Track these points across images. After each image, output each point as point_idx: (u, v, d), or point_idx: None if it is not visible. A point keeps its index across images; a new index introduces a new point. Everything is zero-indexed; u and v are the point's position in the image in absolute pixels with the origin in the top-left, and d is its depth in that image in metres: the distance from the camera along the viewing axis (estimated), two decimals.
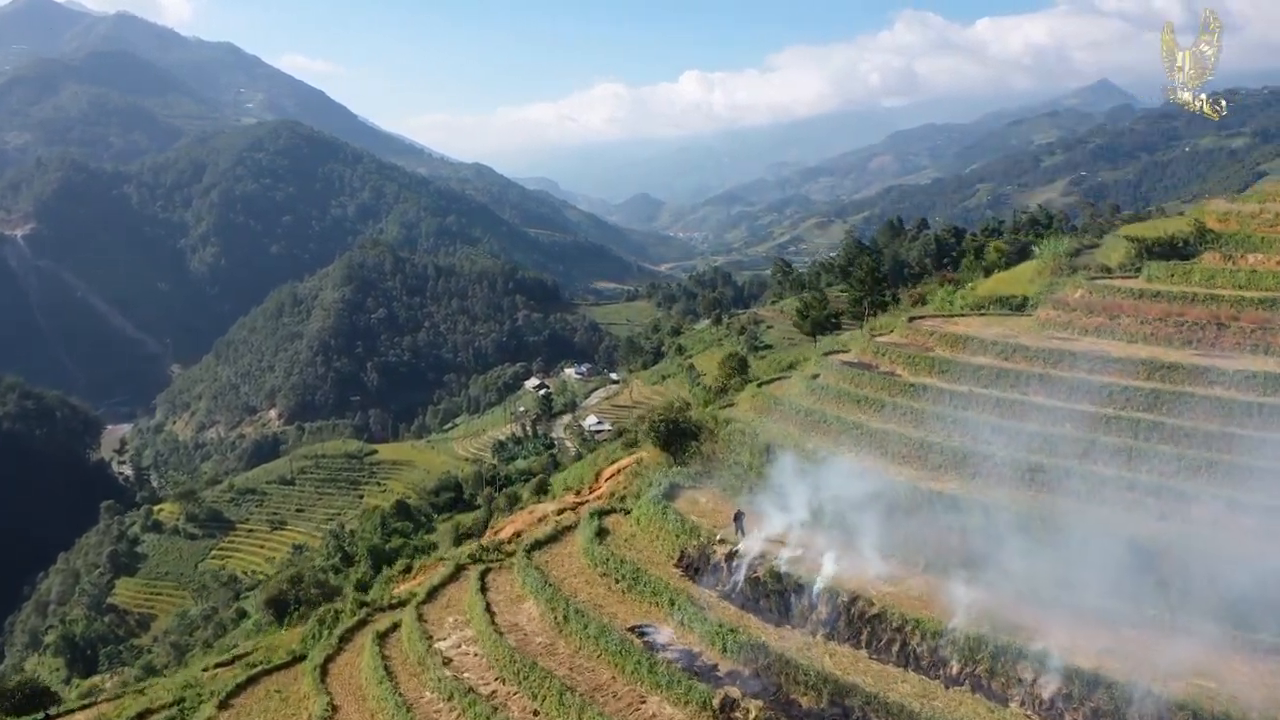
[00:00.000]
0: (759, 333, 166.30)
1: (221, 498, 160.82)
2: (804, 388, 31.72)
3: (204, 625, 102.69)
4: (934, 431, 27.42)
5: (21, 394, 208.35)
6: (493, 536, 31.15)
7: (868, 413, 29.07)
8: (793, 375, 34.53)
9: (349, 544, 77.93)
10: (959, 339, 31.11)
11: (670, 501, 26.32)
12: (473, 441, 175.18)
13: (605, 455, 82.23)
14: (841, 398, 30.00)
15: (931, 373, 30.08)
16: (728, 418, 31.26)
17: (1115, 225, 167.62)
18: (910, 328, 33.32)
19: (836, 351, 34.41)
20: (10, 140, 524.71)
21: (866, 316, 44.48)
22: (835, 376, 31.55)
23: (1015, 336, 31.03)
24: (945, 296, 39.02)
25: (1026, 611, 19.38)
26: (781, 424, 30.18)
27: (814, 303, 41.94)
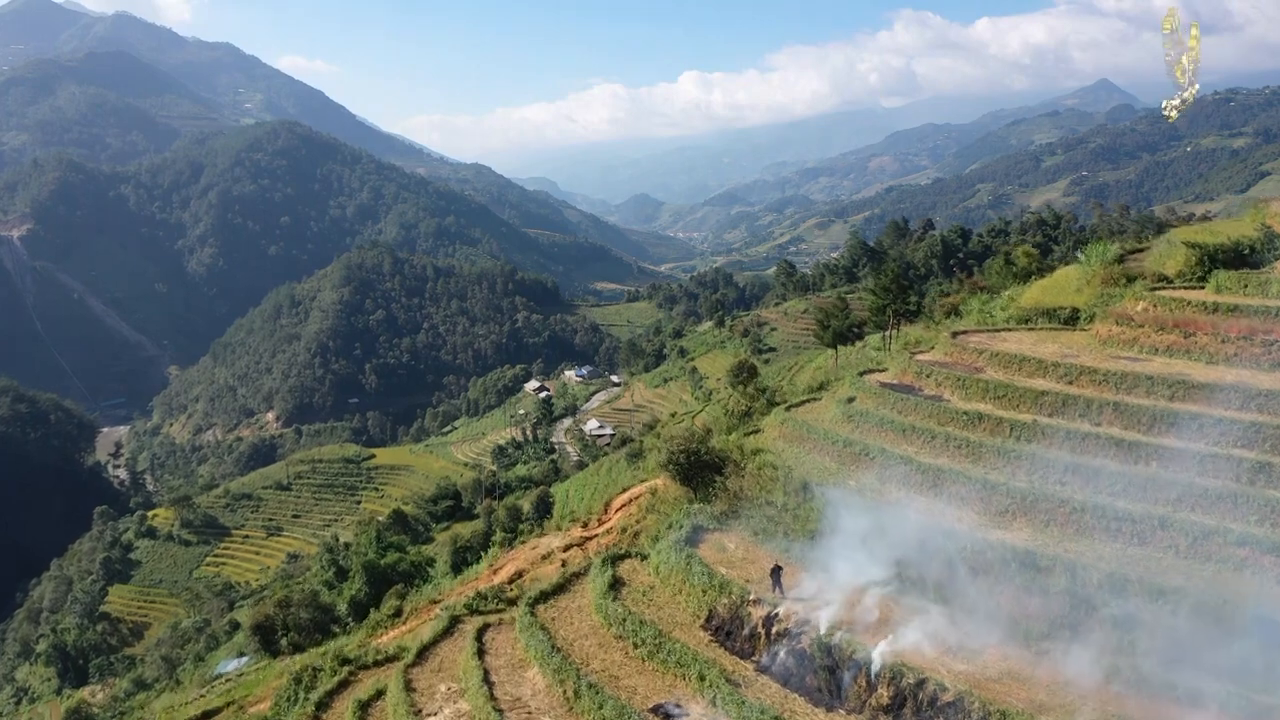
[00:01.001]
0: (763, 335, 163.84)
1: (217, 503, 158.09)
2: (839, 413, 28.09)
3: (196, 637, 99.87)
4: (996, 469, 23.85)
5: (15, 397, 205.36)
6: (491, 576, 28.06)
7: (915, 444, 25.45)
8: (823, 397, 30.96)
9: (343, 558, 75.15)
10: (1012, 359, 27.46)
11: (694, 548, 22.99)
12: (472, 446, 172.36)
13: (608, 468, 79.61)
14: (884, 426, 26.42)
15: (985, 398, 26.36)
16: (755, 447, 27.77)
17: (1127, 227, 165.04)
18: (954, 344, 29.32)
19: (872, 371, 31.01)
20: (7, 141, 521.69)
21: (891, 326, 41.21)
22: (874, 401, 27.90)
23: (1076, 356, 27.49)
24: (981, 307, 35.94)
25: (1155, 708, 15.91)
26: (817, 456, 26.74)
27: (835, 312, 38.92)
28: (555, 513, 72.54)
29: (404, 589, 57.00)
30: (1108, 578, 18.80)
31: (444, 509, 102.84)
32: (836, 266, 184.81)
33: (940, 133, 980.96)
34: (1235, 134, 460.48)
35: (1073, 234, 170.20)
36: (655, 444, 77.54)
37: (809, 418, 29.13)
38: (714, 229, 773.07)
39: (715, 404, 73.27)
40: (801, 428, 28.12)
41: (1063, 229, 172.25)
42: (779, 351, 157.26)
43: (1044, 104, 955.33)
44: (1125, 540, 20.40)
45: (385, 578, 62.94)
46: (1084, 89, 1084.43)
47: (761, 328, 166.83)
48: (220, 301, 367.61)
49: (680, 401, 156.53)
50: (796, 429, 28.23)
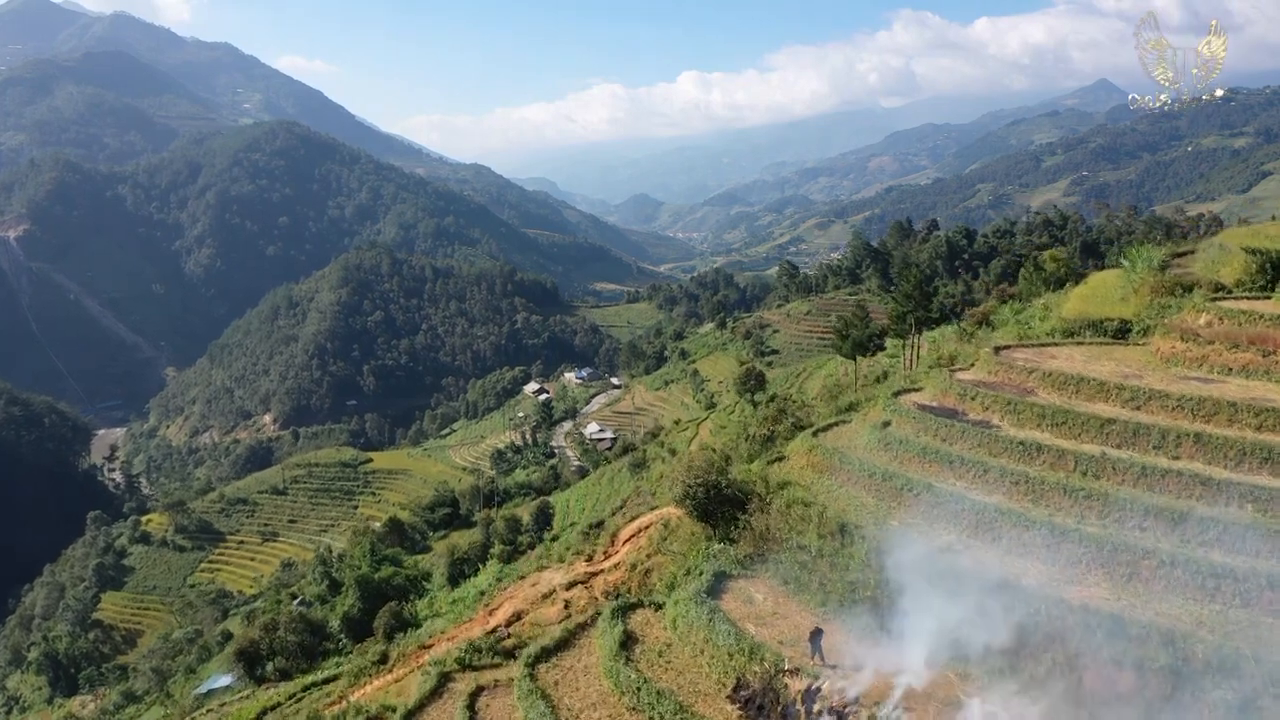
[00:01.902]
0: (765, 337, 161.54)
1: (212, 508, 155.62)
2: (874, 440, 24.78)
3: (188, 649, 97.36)
4: (1063, 510, 20.53)
5: (8, 399, 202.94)
6: (486, 618, 25.48)
7: (965, 479, 22.16)
8: (853, 419, 27.17)
9: (337, 570, 72.69)
10: (1067, 379, 24.46)
11: (717, 599, 20.09)
12: (470, 449, 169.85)
13: (610, 477, 77.21)
14: (926, 457, 23.16)
15: (1042, 425, 23.25)
16: (781, 479, 24.41)
17: (1134, 227, 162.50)
18: (998, 362, 26.23)
19: (908, 391, 27.07)
20: (5, 141, 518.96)
21: (913, 336, 38.57)
22: (913, 426, 24.63)
23: (1139, 377, 24.57)
24: (1015, 317, 33.22)
25: None
26: (851, 489, 23.52)
27: (855, 321, 36.35)
28: (555, 524, 70.15)
29: (397, 607, 54.65)
30: (1215, 651, 15.77)
31: (441, 517, 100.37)
32: (839, 268, 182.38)
33: (940, 133, 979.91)
34: (1236, 134, 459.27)
35: (1079, 235, 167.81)
36: (659, 452, 75.59)
37: (840, 444, 25.76)
38: (714, 229, 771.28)
39: (722, 412, 70.89)
40: (832, 456, 24.83)
41: (1069, 229, 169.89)
42: (782, 354, 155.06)
43: (1044, 104, 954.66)
44: (1225, 601, 17.30)
45: (379, 592, 60.60)
46: (1083, 89, 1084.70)
47: (764, 330, 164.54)
48: (218, 302, 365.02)
49: (681, 404, 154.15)
50: (826, 457, 24.94)
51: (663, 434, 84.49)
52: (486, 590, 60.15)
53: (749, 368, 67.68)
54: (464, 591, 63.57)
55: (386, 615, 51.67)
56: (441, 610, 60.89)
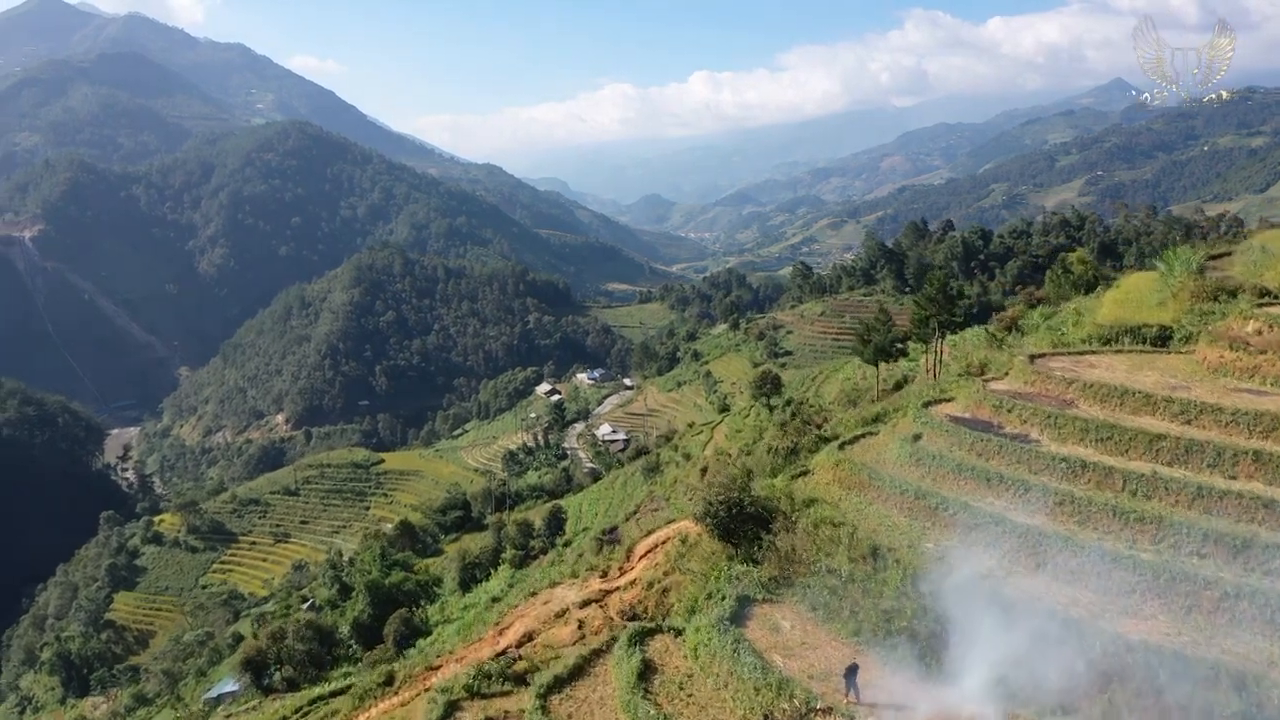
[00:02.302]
0: (779, 338, 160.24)
1: (224, 508, 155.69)
2: (904, 454, 23.14)
3: (198, 651, 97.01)
4: (1113, 534, 18.98)
5: (22, 399, 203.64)
6: (496, 638, 24.43)
7: (1004, 498, 20.59)
8: (881, 431, 25.73)
9: (347, 574, 72.00)
10: (1110, 390, 22.87)
11: (741, 627, 18.87)
12: (482, 451, 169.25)
13: (623, 481, 76.12)
14: (961, 474, 21.51)
15: (1085, 441, 21.59)
16: (808, 496, 22.85)
17: (1153, 228, 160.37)
18: (1034, 371, 24.48)
19: (938, 401, 25.51)
20: (20, 142, 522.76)
21: (937, 340, 37.27)
22: (945, 440, 22.88)
23: (1187, 388, 22.89)
24: (1044, 322, 31.86)
25: None
26: (882, 508, 21.95)
27: (877, 325, 35.08)
28: (568, 529, 69.23)
29: (407, 614, 53.82)
30: None
31: (453, 520, 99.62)
32: (854, 268, 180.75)
33: (953, 132, 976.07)
34: (1253, 133, 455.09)
35: (1097, 235, 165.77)
36: (672, 456, 74.65)
37: (868, 459, 24.06)
38: (725, 229, 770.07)
39: (737, 415, 69.74)
40: (861, 471, 23.18)
41: (1087, 230, 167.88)
42: (796, 355, 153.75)
43: (1058, 103, 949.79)
44: None
45: (389, 598, 59.87)
46: (1098, 88, 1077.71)
47: (777, 331, 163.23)
48: (231, 302, 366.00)
49: (694, 406, 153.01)
50: (854, 472, 23.28)
51: (676, 437, 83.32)
52: (499, 597, 59.34)
53: (765, 371, 66.42)
54: (475, 597, 62.74)
55: (396, 622, 50.86)
56: (452, 616, 60.08)
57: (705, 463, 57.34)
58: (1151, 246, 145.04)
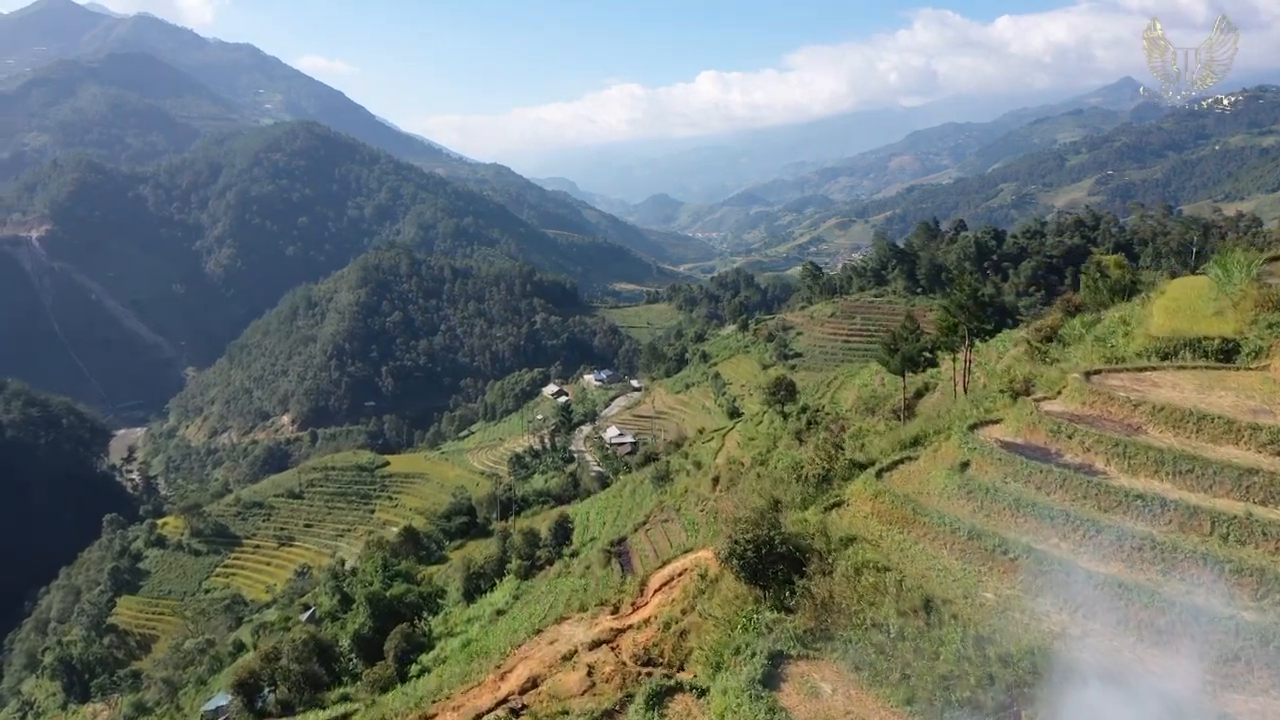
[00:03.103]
0: (789, 340, 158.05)
1: (228, 511, 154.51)
2: (952, 485, 20.42)
3: (199, 659, 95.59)
4: (1205, 587, 16.13)
5: (26, 400, 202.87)
6: (497, 683, 22.41)
7: (1071, 540, 17.85)
8: (921, 455, 22.48)
9: (348, 584, 70.32)
10: (1184, 415, 20.12)
11: (775, 691, 16.27)
12: (489, 453, 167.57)
13: (632, 489, 74.24)
14: (1020, 510, 18.80)
15: (1161, 473, 18.81)
16: (845, 533, 20.20)
17: (1170, 228, 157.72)
18: (1092, 390, 21.73)
19: (985, 423, 22.42)
20: (29, 142, 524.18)
21: (966, 349, 35.21)
22: (998, 469, 20.08)
23: (1270, 413, 20.07)
24: (1087, 330, 29.60)
25: None
26: (931, 548, 19.15)
27: (905, 334, 32.94)
28: (575, 538, 67.43)
29: (409, 628, 52.08)
30: None
31: (458, 526, 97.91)
32: (864, 269, 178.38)
33: (961, 132, 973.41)
34: (1264, 132, 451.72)
35: (1112, 235, 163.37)
36: (682, 464, 72.83)
37: (911, 489, 21.19)
38: (733, 229, 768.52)
39: (749, 422, 67.79)
40: (903, 504, 20.35)
41: (1102, 230, 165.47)
42: (806, 357, 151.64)
43: (1067, 102, 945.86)
44: None
45: (391, 610, 58.13)
46: (1107, 87, 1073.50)
47: (787, 332, 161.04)
48: (238, 302, 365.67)
49: (703, 408, 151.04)
50: (896, 506, 20.46)
51: (686, 444, 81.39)
52: (504, 609, 57.57)
53: (779, 377, 64.44)
54: (479, 609, 61.05)
55: (398, 638, 49.11)
56: (455, 628, 58.37)
57: (717, 472, 55.47)
58: (1169, 247, 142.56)
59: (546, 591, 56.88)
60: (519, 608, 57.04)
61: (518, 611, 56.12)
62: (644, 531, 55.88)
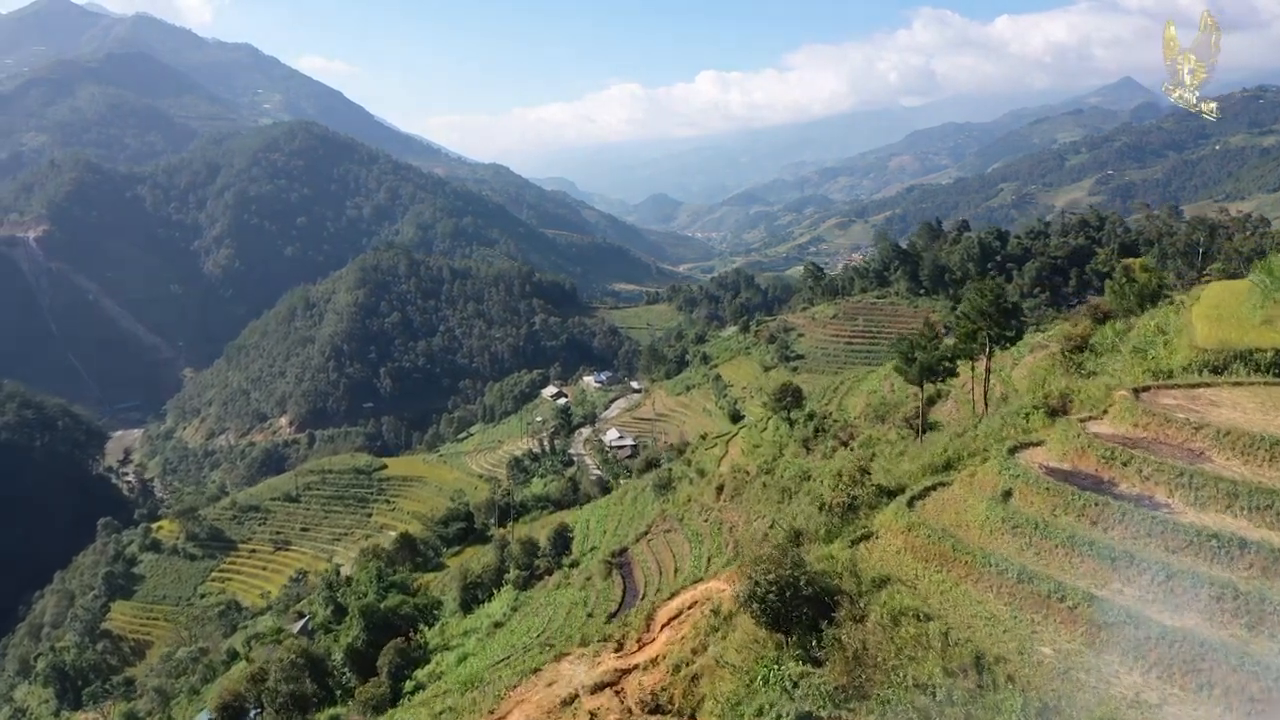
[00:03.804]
0: (790, 341, 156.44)
1: (223, 515, 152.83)
2: (994, 517, 17.93)
3: (192, 668, 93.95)
4: None
5: (21, 403, 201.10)
6: None
7: (1137, 585, 15.38)
8: (955, 481, 19.96)
9: (342, 595, 68.68)
10: (1252, 440, 17.46)
11: None
12: (487, 456, 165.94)
13: (633, 497, 72.53)
14: (1075, 549, 16.20)
15: (1233, 508, 16.32)
16: (876, 571, 17.79)
17: (1176, 229, 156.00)
18: (1144, 410, 19.16)
19: (1026, 446, 19.87)
20: (27, 142, 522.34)
21: (987, 356, 33.53)
22: (1045, 500, 17.50)
23: None
24: (1117, 338, 27.89)
25: None
26: (974, 591, 16.54)
27: (923, 342, 31.07)
28: (574, 548, 65.80)
29: (403, 644, 50.45)
30: None
31: (455, 532, 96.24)
32: (866, 270, 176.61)
33: (961, 132, 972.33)
34: (1265, 132, 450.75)
35: (1117, 236, 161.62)
36: (685, 472, 71.19)
37: (947, 520, 18.67)
38: (732, 229, 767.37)
39: (753, 428, 66.14)
40: (941, 539, 17.82)
41: (1107, 230, 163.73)
42: (808, 359, 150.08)
43: (1066, 102, 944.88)
44: None
45: (386, 623, 56.48)
46: (1107, 87, 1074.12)
47: (788, 334, 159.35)
48: (236, 302, 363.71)
49: (704, 411, 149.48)
50: (933, 540, 17.94)
51: (689, 450, 79.67)
52: (501, 622, 55.93)
53: (786, 383, 62.75)
54: (477, 621, 59.44)
55: (391, 653, 47.47)
56: (452, 640, 56.76)
57: (721, 480, 53.84)
58: (1175, 247, 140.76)
59: (545, 603, 55.30)
60: (517, 620, 55.43)
61: (516, 624, 54.52)
62: (646, 542, 54.27)
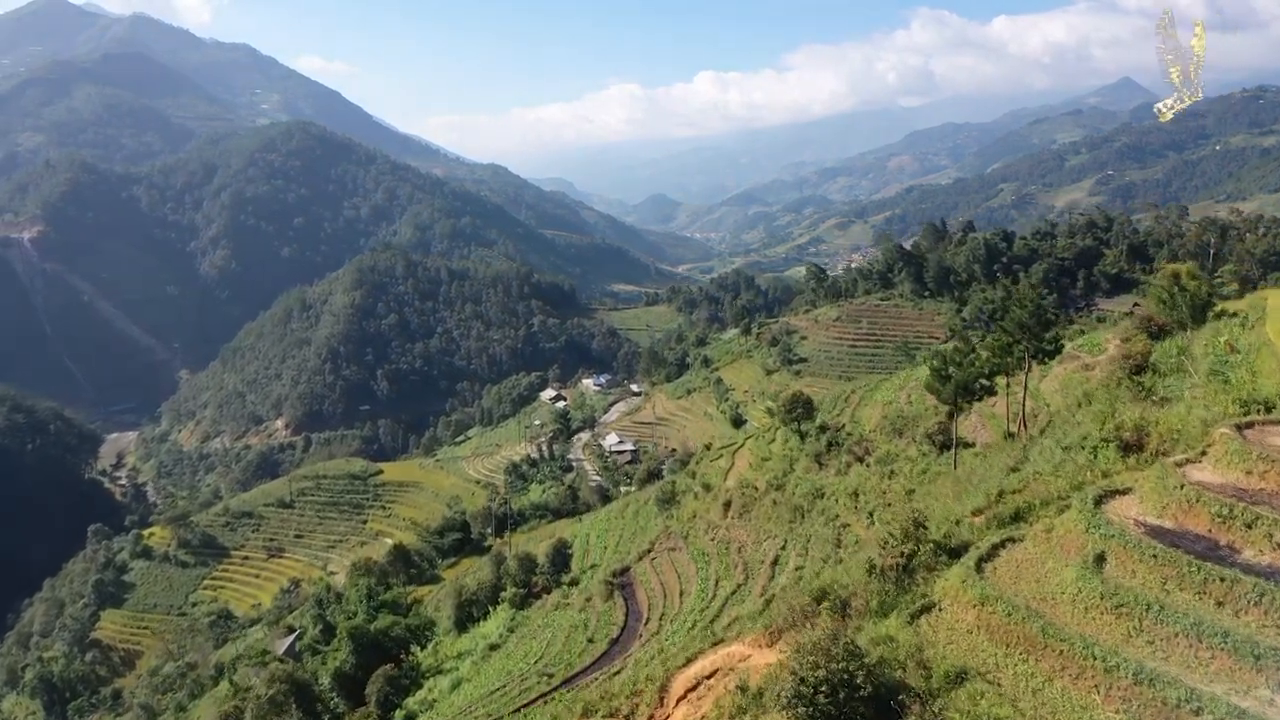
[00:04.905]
0: (792, 344, 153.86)
1: (216, 521, 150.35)
2: (1089, 591, 13.86)
3: (179, 683, 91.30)
4: None
5: (12, 406, 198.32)
6: None
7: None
8: (1027, 537, 15.83)
9: (332, 613, 65.94)
10: None
11: None
12: (485, 461, 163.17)
13: (635, 510, 69.61)
14: (1201, 639, 12.15)
15: None
16: (950, 664, 13.83)
17: (1185, 230, 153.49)
18: (1257, 451, 14.85)
19: (1113, 494, 15.79)
20: (23, 142, 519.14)
21: (1025, 373, 30.70)
22: (1152, 571, 13.52)
23: None
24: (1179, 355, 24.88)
25: None
26: (1078, 691, 12.50)
27: (957, 358, 28.06)
28: (574, 564, 63.09)
29: (393, 670, 47.79)
30: None
31: (451, 543, 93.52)
32: (870, 271, 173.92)
33: (960, 132, 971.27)
34: (1265, 132, 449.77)
35: (1126, 237, 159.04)
36: (689, 484, 68.39)
37: (1027, 591, 14.71)
38: (732, 229, 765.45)
39: (761, 440, 63.42)
40: (1025, 620, 13.82)
41: (1115, 231, 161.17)
42: (811, 362, 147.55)
43: (1066, 103, 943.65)
44: None
45: (376, 645, 53.82)
46: (1106, 87, 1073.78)
47: (791, 336, 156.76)
48: (233, 304, 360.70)
49: (705, 415, 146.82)
50: (1014, 620, 13.95)
51: (693, 461, 76.81)
52: (497, 644, 53.23)
53: (796, 393, 60.09)
54: (471, 642, 56.77)
55: (380, 681, 44.80)
56: (446, 663, 54.10)
57: (728, 496, 51.15)
58: (1185, 249, 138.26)
59: (543, 625, 52.66)
60: (514, 643, 52.79)
61: (512, 648, 51.85)
62: (649, 560, 51.60)
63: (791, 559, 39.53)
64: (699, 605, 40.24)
